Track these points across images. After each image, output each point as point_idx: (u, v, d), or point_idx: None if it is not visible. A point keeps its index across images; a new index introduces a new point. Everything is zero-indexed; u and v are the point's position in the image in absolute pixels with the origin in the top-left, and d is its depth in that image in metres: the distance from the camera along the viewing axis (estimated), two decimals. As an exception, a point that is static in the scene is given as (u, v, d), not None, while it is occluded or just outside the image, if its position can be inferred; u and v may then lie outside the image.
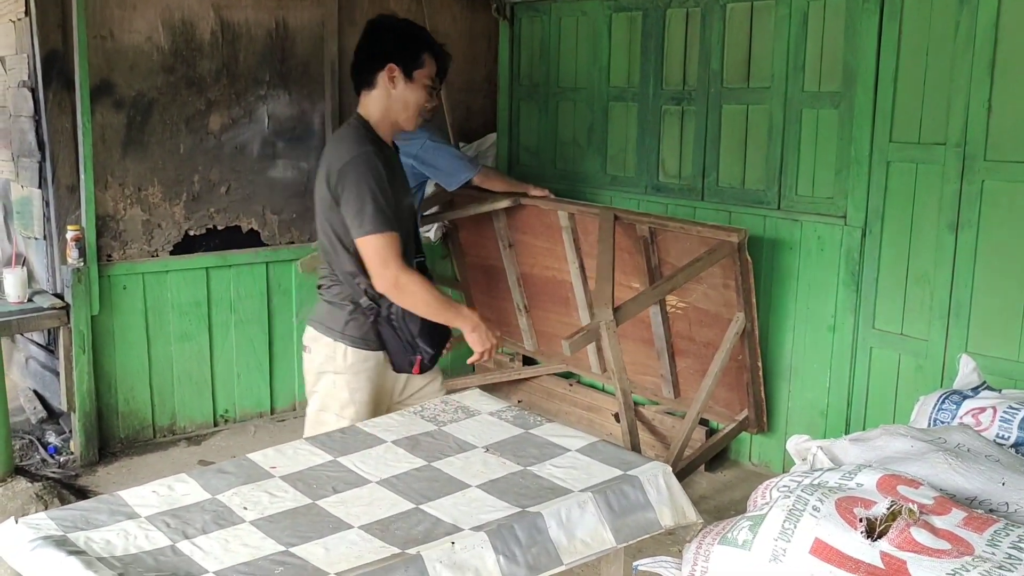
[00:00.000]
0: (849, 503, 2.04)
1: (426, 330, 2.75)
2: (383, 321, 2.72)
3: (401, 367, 2.81)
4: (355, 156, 2.62)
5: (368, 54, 2.73)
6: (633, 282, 4.06)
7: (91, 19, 3.92)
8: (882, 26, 3.54)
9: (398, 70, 2.68)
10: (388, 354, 2.78)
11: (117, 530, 1.94)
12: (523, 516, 1.95)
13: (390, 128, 2.77)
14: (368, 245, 2.61)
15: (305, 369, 2.88)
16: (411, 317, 2.72)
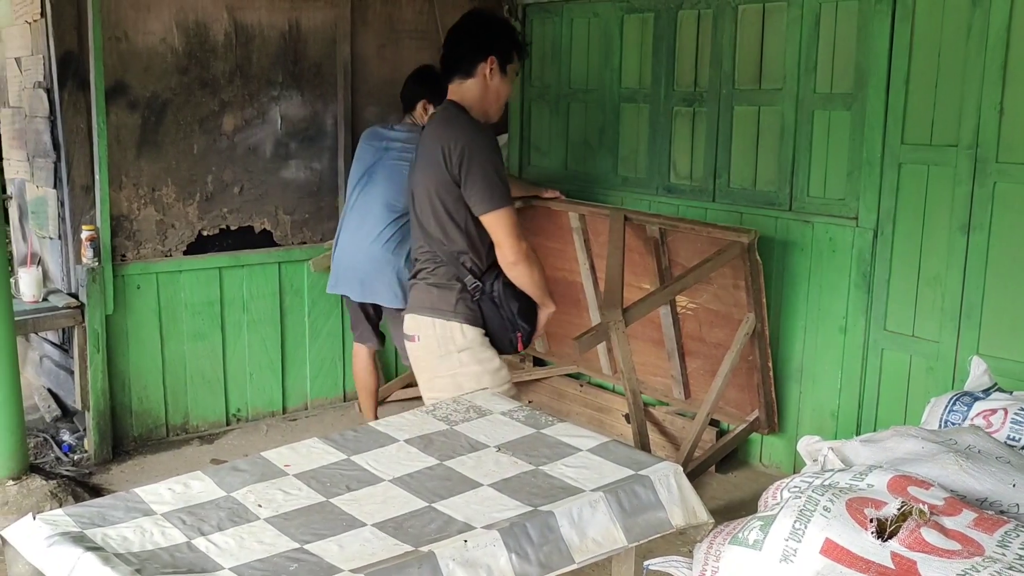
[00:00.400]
0: (860, 504, 2.05)
1: (524, 308, 2.87)
2: (486, 299, 2.84)
3: (503, 346, 2.90)
4: (478, 135, 2.77)
5: (471, 45, 2.85)
6: (643, 283, 4.07)
7: (106, 21, 3.96)
8: (894, 28, 3.54)
9: (496, 63, 2.83)
10: (489, 333, 2.87)
11: (133, 527, 1.96)
12: (535, 515, 1.96)
13: (481, 117, 2.90)
14: (501, 218, 2.75)
15: (416, 359, 2.95)
16: (512, 295, 2.84)
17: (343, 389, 4.93)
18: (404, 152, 3.97)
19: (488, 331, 2.87)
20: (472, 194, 2.75)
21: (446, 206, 2.79)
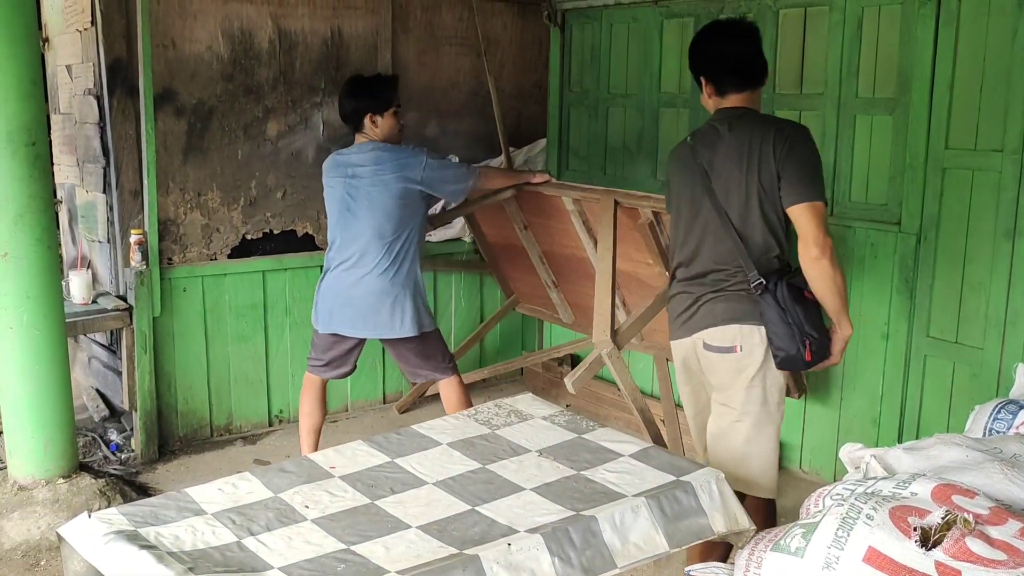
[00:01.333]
0: (903, 512, 2.04)
1: (810, 314, 2.72)
2: (769, 302, 2.70)
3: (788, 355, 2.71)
4: (797, 127, 2.81)
5: (760, 59, 2.89)
6: (647, 258, 3.95)
7: (154, 29, 4.04)
8: (938, 31, 3.51)
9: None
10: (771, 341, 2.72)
11: (185, 526, 2.02)
12: (578, 519, 1.98)
13: None
14: (814, 211, 2.67)
15: (736, 371, 2.77)
16: (797, 299, 2.70)
17: (383, 391, 4.98)
18: (378, 175, 3.67)
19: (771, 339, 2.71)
20: (788, 183, 2.69)
21: (763, 205, 2.73)
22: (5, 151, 3.36)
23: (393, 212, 3.66)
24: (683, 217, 2.87)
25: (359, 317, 3.74)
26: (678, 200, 2.90)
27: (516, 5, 5.19)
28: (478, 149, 5.21)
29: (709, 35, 2.91)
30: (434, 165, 3.74)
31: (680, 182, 2.89)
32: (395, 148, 3.75)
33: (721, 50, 2.83)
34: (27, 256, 3.46)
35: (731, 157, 2.76)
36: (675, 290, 2.89)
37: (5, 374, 3.58)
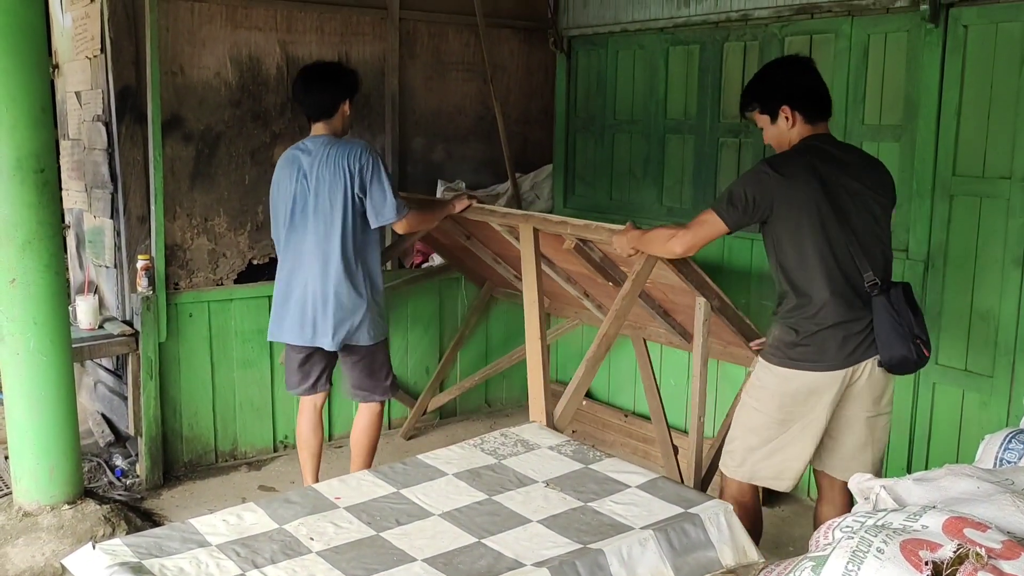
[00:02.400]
0: (914, 545, 2.02)
1: (918, 318, 2.90)
2: (885, 304, 2.87)
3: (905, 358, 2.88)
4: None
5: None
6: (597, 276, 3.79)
7: (163, 56, 4.07)
8: (945, 58, 3.51)
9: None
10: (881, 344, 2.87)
11: (189, 558, 2.00)
12: (585, 553, 1.96)
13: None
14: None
15: (887, 385, 2.96)
16: (909, 303, 2.90)
17: (388, 418, 4.96)
18: (341, 171, 3.54)
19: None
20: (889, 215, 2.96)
21: (884, 227, 2.92)
22: (14, 178, 3.37)
23: (350, 209, 3.56)
24: (811, 237, 2.81)
25: (309, 325, 3.63)
26: (798, 221, 2.81)
27: (522, 31, 5.22)
28: (484, 174, 5.22)
29: (797, 65, 3.01)
30: (377, 167, 3.57)
31: (804, 200, 2.80)
32: (349, 142, 3.64)
33: (809, 77, 2.95)
34: (35, 282, 3.47)
35: (859, 181, 2.88)
36: (838, 319, 2.81)
37: (12, 399, 3.58)
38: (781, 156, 2.93)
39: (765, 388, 2.91)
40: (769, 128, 2.97)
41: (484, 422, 5.13)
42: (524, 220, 3.71)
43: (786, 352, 2.85)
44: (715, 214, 2.85)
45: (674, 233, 2.96)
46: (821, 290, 2.79)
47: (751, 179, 2.86)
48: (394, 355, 4.85)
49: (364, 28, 4.66)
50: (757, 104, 2.97)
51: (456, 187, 5.09)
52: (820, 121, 2.94)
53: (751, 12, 4.12)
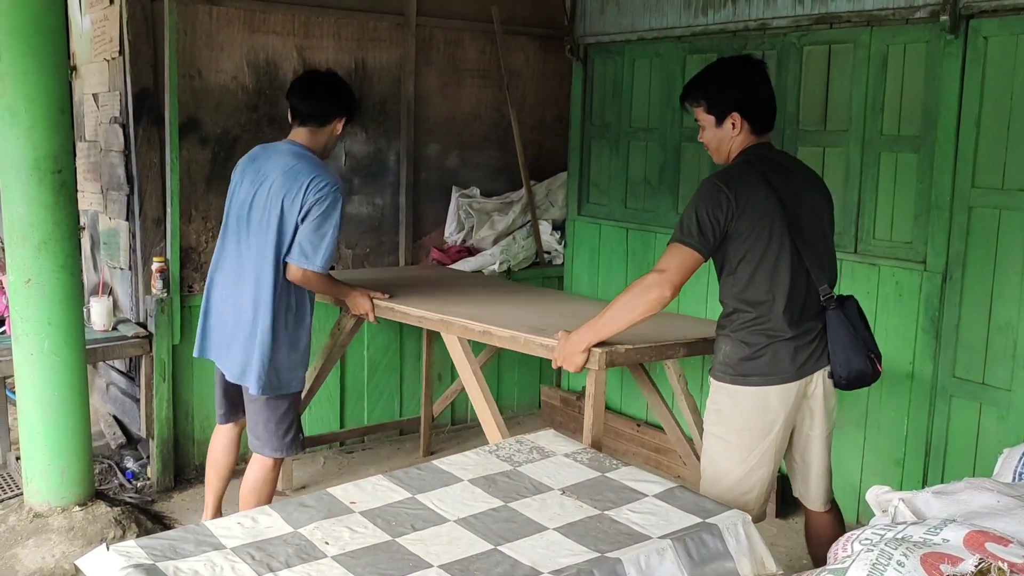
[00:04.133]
0: (935, 559, 2.00)
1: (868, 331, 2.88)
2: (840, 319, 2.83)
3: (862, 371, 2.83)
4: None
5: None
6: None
7: (181, 59, 4.08)
8: (965, 69, 3.50)
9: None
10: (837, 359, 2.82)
11: (204, 560, 1.99)
12: (602, 561, 1.94)
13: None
14: None
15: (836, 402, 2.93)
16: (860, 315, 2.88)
17: (399, 427, 4.95)
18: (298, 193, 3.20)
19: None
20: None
21: (830, 238, 2.88)
22: (32, 178, 3.38)
23: (289, 233, 3.22)
24: (769, 250, 2.70)
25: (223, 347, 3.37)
26: (757, 234, 2.69)
27: (538, 39, 5.22)
28: (499, 181, 5.22)
29: (757, 72, 2.83)
30: (330, 202, 3.19)
31: (762, 211, 2.69)
32: (321, 164, 3.30)
33: (765, 88, 2.82)
34: (50, 283, 3.47)
35: (813, 190, 2.85)
36: (791, 332, 2.71)
37: (25, 400, 3.58)
38: (731, 171, 2.76)
39: (721, 411, 2.79)
40: (711, 129, 2.81)
41: (495, 429, 5.11)
42: (444, 327, 3.41)
43: (737, 368, 2.73)
44: (686, 247, 2.65)
45: (647, 285, 2.66)
46: (776, 303, 2.68)
47: (708, 200, 2.66)
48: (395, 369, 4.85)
49: (381, 34, 4.66)
50: (704, 102, 2.81)
51: (470, 194, 5.09)
52: (766, 132, 2.83)
53: (769, 21, 4.12)
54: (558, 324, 3.19)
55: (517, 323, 3.30)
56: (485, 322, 3.29)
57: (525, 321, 3.35)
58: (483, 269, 4.94)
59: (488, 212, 5.09)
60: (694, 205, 2.68)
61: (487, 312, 3.52)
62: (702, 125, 2.85)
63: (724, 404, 2.78)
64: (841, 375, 2.76)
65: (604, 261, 5.03)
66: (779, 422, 2.74)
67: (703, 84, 2.83)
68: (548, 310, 3.75)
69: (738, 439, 2.75)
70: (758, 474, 2.77)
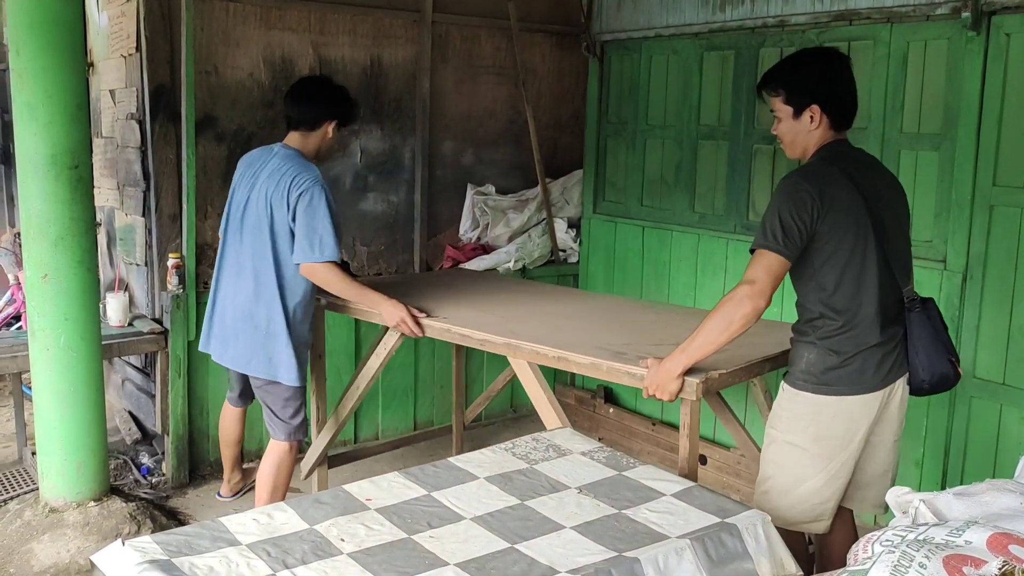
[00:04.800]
0: (957, 561, 1.97)
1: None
2: (924, 320, 2.76)
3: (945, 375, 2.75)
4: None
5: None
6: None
7: (198, 55, 4.08)
8: (986, 66, 3.46)
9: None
10: (919, 362, 2.72)
11: (219, 557, 1.98)
12: (620, 561, 1.92)
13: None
14: None
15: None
16: (942, 319, 2.80)
17: (413, 420, 4.95)
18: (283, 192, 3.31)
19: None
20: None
21: (906, 235, 2.80)
22: (49, 174, 3.38)
23: (281, 235, 3.33)
24: (856, 253, 2.59)
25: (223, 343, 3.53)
26: (843, 236, 2.57)
27: (555, 36, 5.20)
28: (514, 178, 5.20)
29: (839, 65, 2.69)
30: (322, 196, 3.28)
31: (847, 212, 2.58)
32: (304, 163, 3.38)
33: (848, 82, 2.69)
34: (66, 278, 3.47)
35: (895, 207, 2.72)
36: (879, 339, 2.61)
37: (41, 395, 3.58)
38: (813, 169, 2.62)
39: (798, 419, 2.66)
40: (788, 121, 2.67)
41: (510, 428, 5.10)
42: (511, 352, 3.11)
43: (821, 378, 2.61)
44: (771, 252, 2.50)
45: (739, 299, 2.51)
46: (866, 308, 2.57)
47: (792, 201, 2.52)
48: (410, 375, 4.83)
49: (397, 31, 4.65)
50: (783, 92, 2.66)
51: (485, 191, 5.08)
52: (844, 129, 2.70)
53: (788, 18, 4.08)
54: (634, 342, 3.02)
55: (589, 343, 3.03)
56: (555, 345, 3.01)
57: (598, 341, 3.08)
58: (498, 267, 4.93)
59: (503, 210, 5.08)
60: (776, 207, 2.53)
61: (549, 329, 3.27)
62: (778, 116, 2.70)
63: (802, 412, 2.65)
64: (924, 379, 2.66)
65: (620, 259, 5.00)
66: (860, 432, 2.64)
67: (783, 73, 2.70)
68: (614, 323, 3.42)
69: (818, 448, 2.64)
70: (837, 483, 2.68)
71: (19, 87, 3.36)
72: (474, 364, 5.01)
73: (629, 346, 2.97)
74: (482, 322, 3.34)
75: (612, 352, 2.91)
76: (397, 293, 3.55)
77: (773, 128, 2.75)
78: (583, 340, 3.08)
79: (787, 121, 2.68)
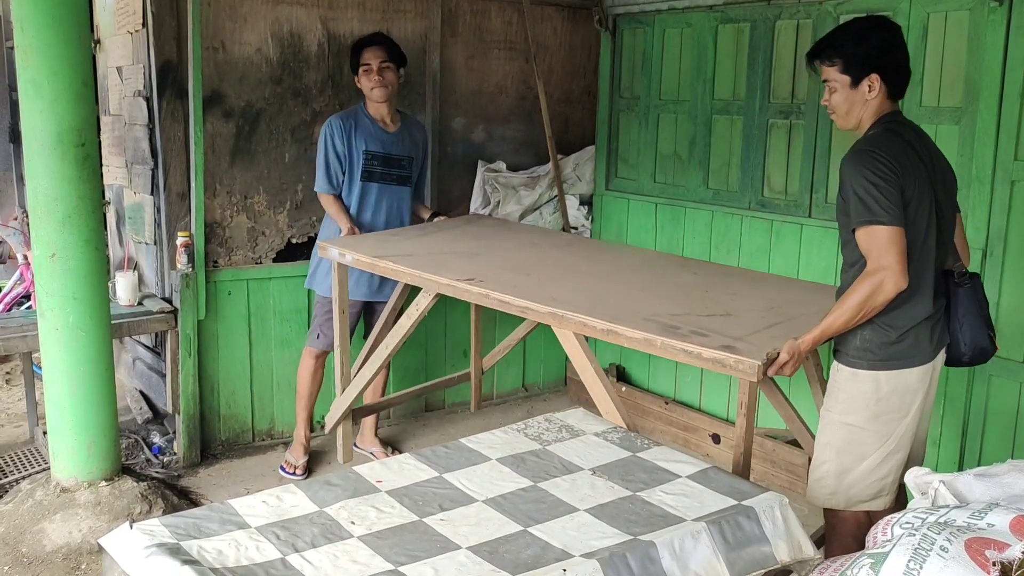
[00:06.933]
0: (980, 544, 1.93)
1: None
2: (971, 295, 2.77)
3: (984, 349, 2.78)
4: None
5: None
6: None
7: (205, 31, 4.02)
8: (1009, 38, 3.38)
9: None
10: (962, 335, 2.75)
11: (228, 540, 1.96)
12: (635, 544, 1.89)
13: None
14: None
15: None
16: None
17: (424, 400, 4.92)
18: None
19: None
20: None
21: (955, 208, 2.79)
22: (55, 152, 3.34)
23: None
24: (921, 220, 2.54)
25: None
26: (913, 209, 2.52)
27: (566, 9, 5.12)
28: (525, 155, 5.14)
29: (897, 33, 2.65)
30: (318, 143, 4.09)
31: (917, 182, 2.54)
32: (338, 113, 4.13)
33: (904, 49, 2.66)
34: (74, 257, 3.44)
35: (941, 161, 2.69)
36: (931, 312, 2.60)
37: (50, 375, 3.57)
38: (883, 138, 2.56)
39: (856, 398, 2.62)
40: (844, 91, 2.61)
41: (521, 406, 5.07)
42: (556, 322, 2.93)
43: (878, 353, 2.58)
44: (884, 225, 2.42)
45: (880, 283, 2.43)
46: (924, 283, 2.55)
47: (876, 170, 2.45)
48: (427, 335, 4.82)
49: (406, 5, 4.58)
50: (840, 61, 2.59)
51: (496, 168, 5.02)
52: (898, 99, 2.66)
53: (805, -11, 4.00)
54: (682, 313, 2.88)
55: (636, 314, 2.85)
56: (602, 315, 2.84)
57: (644, 310, 2.91)
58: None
59: (514, 187, 5.02)
60: (863, 180, 2.46)
61: (592, 296, 3.09)
62: (832, 87, 2.63)
63: (862, 392, 2.62)
64: (965, 352, 2.69)
65: (632, 236, 4.94)
66: (916, 403, 2.63)
67: (839, 41, 2.62)
68: (657, 286, 3.27)
69: (875, 426, 2.62)
70: (896, 458, 2.66)
71: (24, 64, 3.31)
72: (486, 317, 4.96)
73: (678, 318, 2.83)
74: (520, 285, 3.21)
75: (663, 326, 2.74)
76: (422, 242, 3.89)
77: (824, 99, 2.69)
78: (629, 309, 2.92)
79: (843, 91, 2.62)
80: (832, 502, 2.70)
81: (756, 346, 2.54)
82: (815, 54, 2.67)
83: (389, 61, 4.01)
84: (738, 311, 2.90)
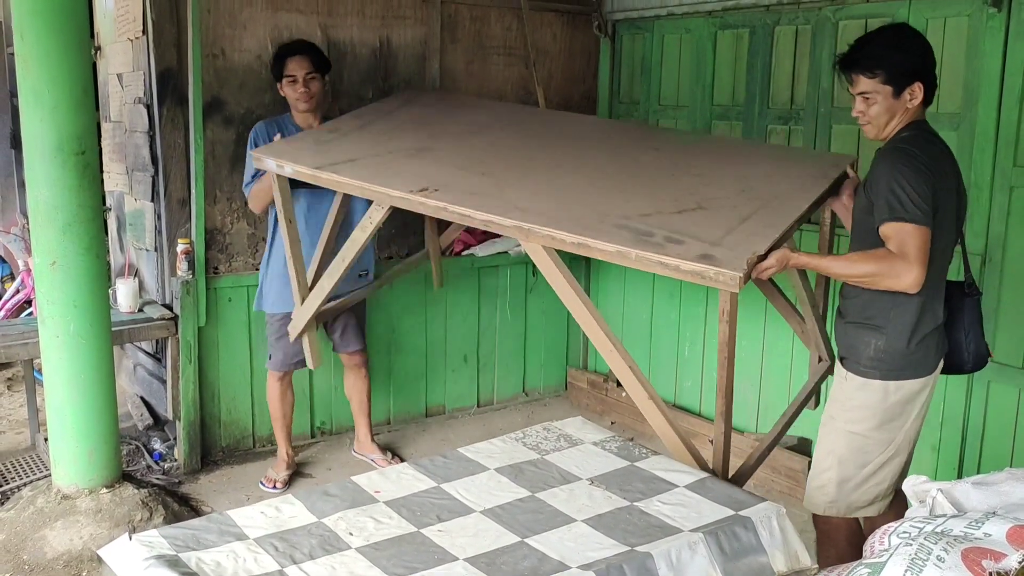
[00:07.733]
0: (977, 554, 1.93)
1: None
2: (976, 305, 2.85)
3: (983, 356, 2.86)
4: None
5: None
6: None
7: (205, 38, 4.03)
8: (1007, 45, 3.38)
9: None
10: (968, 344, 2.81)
11: (227, 551, 1.97)
12: (632, 556, 1.90)
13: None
14: None
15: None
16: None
17: (424, 405, 4.93)
18: None
19: None
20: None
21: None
22: (55, 160, 3.35)
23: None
24: (945, 228, 2.56)
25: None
26: (940, 217, 2.51)
27: (566, 15, 5.13)
28: (525, 160, 5.14)
29: (918, 34, 2.61)
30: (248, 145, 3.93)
31: (947, 191, 2.54)
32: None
33: (934, 54, 2.63)
34: (75, 265, 3.45)
35: (956, 172, 2.68)
36: (941, 321, 2.64)
37: (51, 382, 3.58)
38: (920, 143, 2.52)
39: (864, 407, 2.62)
40: (885, 101, 2.54)
41: (521, 411, 5.08)
42: (523, 236, 2.72)
43: (890, 363, 2.58)
44: (914, 224, 2.38)
45: (898, 272, 2.39)
46: (939, 291, 2.58)
47: (914, 169, 2.41)
48: (427, 341, 4.82)
49: (405, 11, 4.59)
50: (882, 72, 2.51)
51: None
52: (929, 105, 2.62)
53: (804, -5, 4.00)
54: (654, 212, 2.62)
55: (606, 217, 2.61)
56: (569, 222, 2.58)
57: (614, 211, 2.65)
58: (508, 251, 4.89)
59: (514, 191, 5.01)
60: (899, 177, 2.42)
61: (556, 200, 2.80)
62: (871, 99, 2.55)
63: (870, 401, 2.61)
64: (968, 361, 2.73)
65: (632, 241, 4.94)
66: (916, 409, 2.65)
67: (879, 51, 2.53)
68: (621, 177, 3.00)
69: (879, 434, 2.63)
70: (894, 463, 2.69)
71: (24, 72, 3.32)
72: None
73: (648, 219, 2.59)
74: (478, 191, 2.92)
75: (635, 233, 2.52)
76: (363, 139, 3.64)
77: (857, 110, 2.61)
78: (597, 211, 2.69)
79: (885, 101, 2.55)
80: (832, 510, 2.71)
81: (734, 251, 2.39)
82: (849, 65, 2.58)
83: (314, 72, 3.87)
84: (710, 202, 2.67)
